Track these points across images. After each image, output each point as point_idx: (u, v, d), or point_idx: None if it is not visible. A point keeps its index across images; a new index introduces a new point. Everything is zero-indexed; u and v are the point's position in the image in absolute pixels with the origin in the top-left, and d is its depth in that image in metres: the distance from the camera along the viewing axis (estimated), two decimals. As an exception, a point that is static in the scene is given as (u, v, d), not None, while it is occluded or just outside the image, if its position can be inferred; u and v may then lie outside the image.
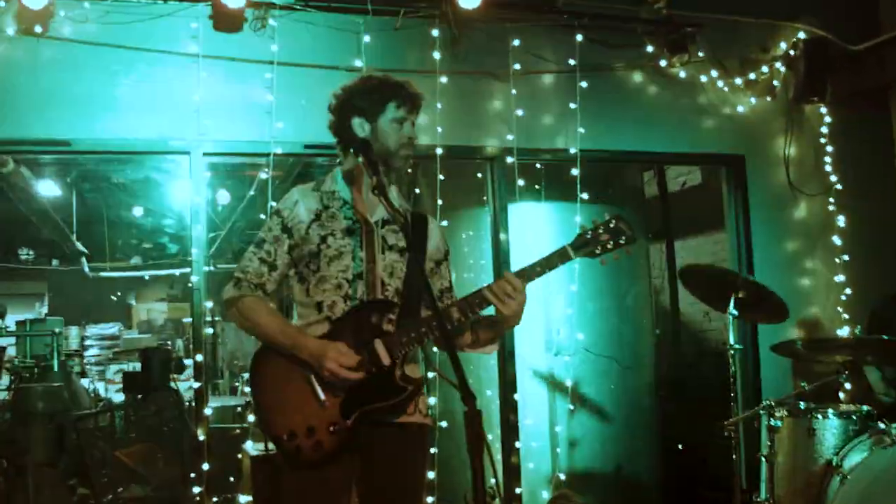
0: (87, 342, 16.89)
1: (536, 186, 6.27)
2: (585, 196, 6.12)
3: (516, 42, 5.94)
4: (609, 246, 2.84)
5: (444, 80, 5.78)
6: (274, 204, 3.23)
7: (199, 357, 5.36)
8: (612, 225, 2.85)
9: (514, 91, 5.96)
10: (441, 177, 5.71)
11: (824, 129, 6.74)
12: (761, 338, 6.27)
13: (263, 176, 5.96)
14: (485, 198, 6.12)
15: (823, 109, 6.71)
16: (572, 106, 6.07)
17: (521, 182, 5.92)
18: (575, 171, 5.97)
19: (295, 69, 5.48)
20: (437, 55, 5.74)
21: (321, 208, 2.86)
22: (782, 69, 6.61)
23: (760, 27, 6.71)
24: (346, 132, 2.93)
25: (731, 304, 4.96)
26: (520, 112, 5.95)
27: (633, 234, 2.87)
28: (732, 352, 5.03)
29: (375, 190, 2.65)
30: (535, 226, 6.54)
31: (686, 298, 8.50)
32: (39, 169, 11.43)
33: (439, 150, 5.68)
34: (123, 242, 15.46)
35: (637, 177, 7.55)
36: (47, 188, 12.20)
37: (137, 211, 11.26)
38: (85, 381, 13.72)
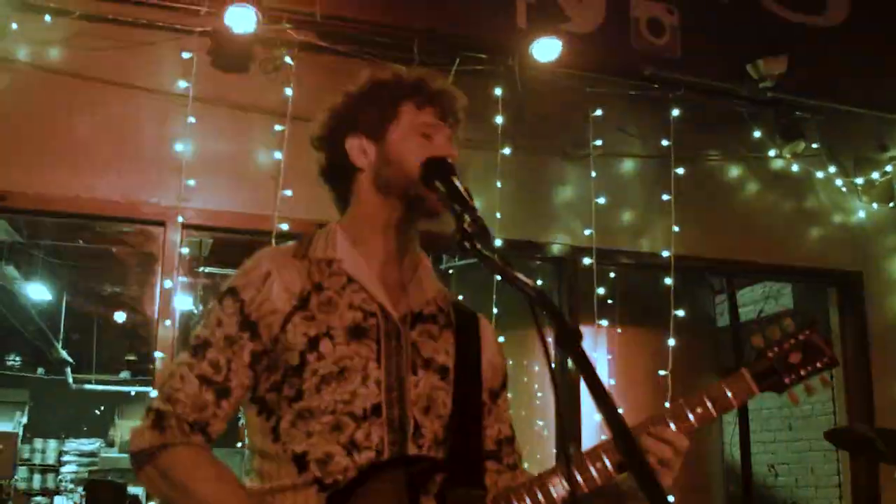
0: (65, 457, 15.01)
1: (610, 301, 4.74)
2: (681, 313, 4.35)
3: (598, 112, 4.62)
4: (802, 372, 1.70)
5: (506, 151, 4.43)
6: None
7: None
8: (802, 338, 1.71)
9: (593, 174, 4.62)
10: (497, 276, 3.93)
11: (956, 245, 5.17)
12: None
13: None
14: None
15: (956, 221, 5.17)
16: (665, 198, 4.67)
17: (600, 290, 4.51)
18: (668, 280, 4.54)
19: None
20: (499, 121, 4.40)
21: (310, 288, 1.65)
22: (905, 170, 5.07)
23: (877, 121, 5.22)
24: (341, 164, 1.74)
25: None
26: (601, 200, 4.62)
27: (832, 354, 1.73)
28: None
29: (467, 237, 1.40)
30: (603, 354, 5.00)
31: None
32: (29, 269, 10.07)
33: (498, 243, 4.23)
34: (112, 353, 13.68)
35: (709, 301, 5.95)
36: (36, 291, 10.72)
37: (120, 316, 9.38)
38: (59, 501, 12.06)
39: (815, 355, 1.71)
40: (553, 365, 1.29)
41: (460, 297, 4.66)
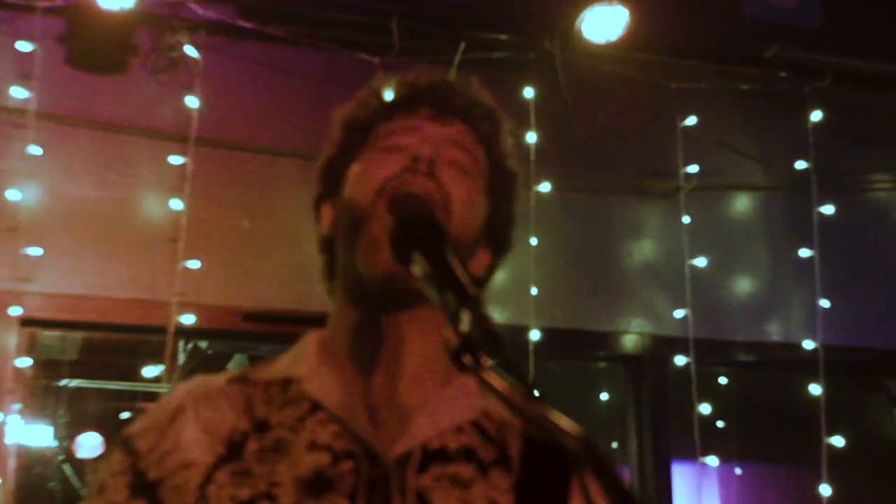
0: None
1: (720, 424, 4.59)
2: (839, 442, 4.21)
3: (691, 121, 4.43)
4: None
5: (544, 188, 4.22)
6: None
7: None
8: None
9: (686, 218, 4.41)
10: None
11: None
12: None
13: (150, 374, 4.07)
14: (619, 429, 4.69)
15: None
16: (804, 253, 4.45)
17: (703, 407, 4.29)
18: (816, 389, 4.26)
19: (231, 154, 4.03)
20: (531, 140, 4.15)
21: (248, 427, 1.55)
22: None
23: None
24: (319, 240, 1.72)
25: None
26: (700, 262, 4.39)
27: None
28: None
29: (465, 348, 1.20)
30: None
31: None
32: None
33: (535, 335, 4.09)
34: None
35: (884, 415, 5.64)
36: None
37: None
38: None
39: None
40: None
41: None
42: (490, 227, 1.61)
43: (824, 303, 4.42)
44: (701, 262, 4.37)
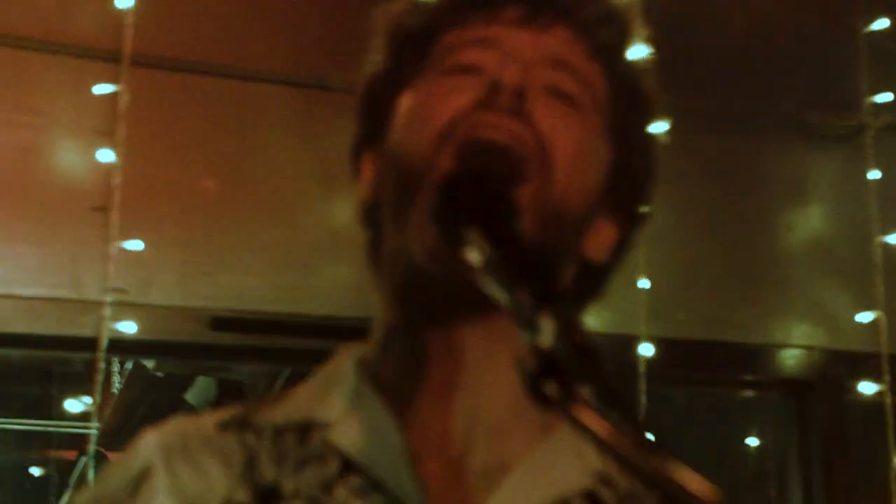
0: None
1: None
2: None
3: (881, 24, 4.39)
4: None
5: (659, 128, 3.37)
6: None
7: None
8: None
9: (876, 174, 4.28)
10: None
11: None
12: None
13: (73, 408, 4.15)
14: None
15: None
16: None
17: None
18: None
19: (185, 79, 3.99)
20: (639, 54, 3.30)
21: (250, 498, 1.43)
22: None
23: None
24: (361, 213, 1.69)
25: None
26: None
27: None
28: None
29: (545, 372, 1.02)
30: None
31: None
32: None
33: (647, 349, 4.07)
34: None
35: None
36: None
37: None
38: None
39: None
40: None
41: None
42: (615, 186, 1.42)
43: None
44: (897, 237, 3.99)
